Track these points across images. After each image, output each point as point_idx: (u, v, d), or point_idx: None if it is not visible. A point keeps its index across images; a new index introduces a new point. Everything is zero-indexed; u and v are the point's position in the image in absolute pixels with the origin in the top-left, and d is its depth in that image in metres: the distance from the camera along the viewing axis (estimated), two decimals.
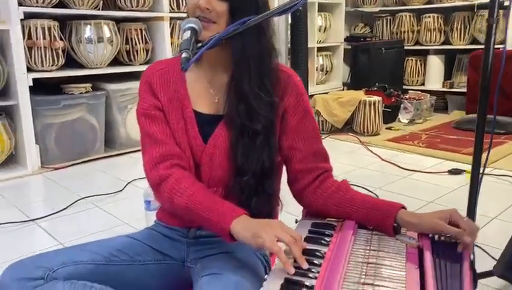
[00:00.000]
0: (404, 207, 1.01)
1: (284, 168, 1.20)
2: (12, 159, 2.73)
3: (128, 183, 2.41)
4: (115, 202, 2.17)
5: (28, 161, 2.67)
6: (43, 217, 1.96)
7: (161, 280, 1.20)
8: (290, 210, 1.17)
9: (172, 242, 1.22)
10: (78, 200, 2.15)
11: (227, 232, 0.97)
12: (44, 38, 2.67)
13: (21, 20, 2.53)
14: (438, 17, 4.55)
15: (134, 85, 3.14)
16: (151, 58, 3.33)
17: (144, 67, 3.22)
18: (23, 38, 2.58)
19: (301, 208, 1.17)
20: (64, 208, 2.06)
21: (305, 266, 0.88)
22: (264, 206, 1.16)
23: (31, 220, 1.94)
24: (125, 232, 1.22)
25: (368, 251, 0.94)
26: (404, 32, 4.79)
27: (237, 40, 1.04)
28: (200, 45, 1.00)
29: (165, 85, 1.15)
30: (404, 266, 0.87)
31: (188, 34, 0.99)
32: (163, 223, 1.26)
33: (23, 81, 2.58)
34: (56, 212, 2.01)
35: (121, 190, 2.31)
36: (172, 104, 1.14)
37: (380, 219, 1.00)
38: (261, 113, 1.06)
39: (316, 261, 0.90)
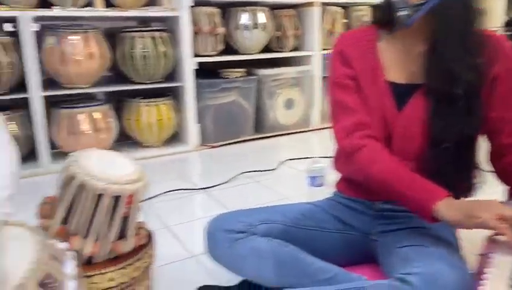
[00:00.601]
0: None
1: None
2: (176, 136, 3.00)
3: (282, 162, 2.48)
4: (272, 178, 2.26)
5: (189, 139, 2.91)
6: (210, 187, 2.12)
7: (343, 249, 1.21)
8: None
9: (355, 214, 1.22)
10: (239, 174, 2.28)
11: (429, 213, 0.93)
12: (208, 24, 2.87)
13: (190, 7, 2.76)
14: None
15: (284, 71, 3.22)
16: (300, 44, 3.38)
17: (292, 54, 3.32)
18: (191, 25, 2.81)
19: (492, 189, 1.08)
20: (227, 181, 2.20)
21: None
22: (462, 182, 1.10)
23: (200, 188, 2.11)
24: None
25: None
26: None
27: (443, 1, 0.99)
28: (418, 3, 0.97)
29: (358, 55, 1.15)
30: None
31: None
32: (344, 195, 1.26)
33: (189, 65, 2.81)
34: (220, 184, 2.16)
35: (275, 169, 2.39)
36: (366, 73, 1.13)
37: None
38: (462, 78, 0.99)
39: None
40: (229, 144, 3.01)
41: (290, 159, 2.53)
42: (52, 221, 1.09)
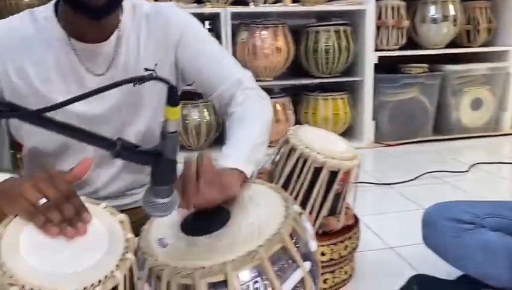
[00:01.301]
0: None
1: None
2: (349, 132, 2.96)
3: (472, 165, 2.26)
4: (466, 181, 2.07)
5: (364, 135, 2.85)
6: (397, 183, 2.04)
7: None
8: None
9: None
10: (425, 173, 2.14)
11: None
12: (392, 18, 2.77)
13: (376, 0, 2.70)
14: None
15: (473, 67, 2.92)
16: (493, 39, 3.04)
17: (483, 49, 3.00)
18: (375, 18, 2.75)
19: None
20: (414, 179, 2.09)
21: None
22: None
23: (385, 183, 2.04)
24: None
25: None
26: None
27: None
28: None
29: None
30: None
31: None
32: None
33: (369, 59, 2.75)
34: (407, 181, 2.07)
35: (467, 171, 2.19)
36: None
37: None
38: None
39: None
40: (405, 143, 2.86)
41: (482, 163, 2.28)
42: None
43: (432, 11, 2.83)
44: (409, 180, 2.07)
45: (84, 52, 0.87)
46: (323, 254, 1.09)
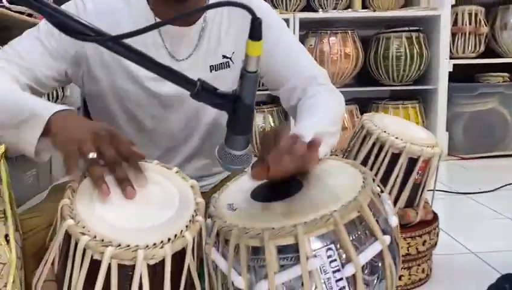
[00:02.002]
0: None
1: None
2: None
3: None
4: None
5: None
6: (473, 193, 1.90)
7: None
8: None
9: None
10: (506, 185, 1.99)
11: None
12: (469, 24, 2.64)
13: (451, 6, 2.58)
14: None
15: None
16: None
17: None
18: (451, 24, 2.62)
19: None
20: (493, 190, 1.95)
21: None
22: None
23: (462, 193, 1.93)
24: None
25: None
26: None
27: None
28: None
29: None
30: None
31: None
32: None
33: (444, 67, 2.62)
34: (487, 191, 1.93)
35: None
36: None
37: None
38: None
39: None
40: (482, 157, 2.66)
41: None
42: None
43: None
44: (488, 191, 1.92)
45: (169, 35, 0.87)
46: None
